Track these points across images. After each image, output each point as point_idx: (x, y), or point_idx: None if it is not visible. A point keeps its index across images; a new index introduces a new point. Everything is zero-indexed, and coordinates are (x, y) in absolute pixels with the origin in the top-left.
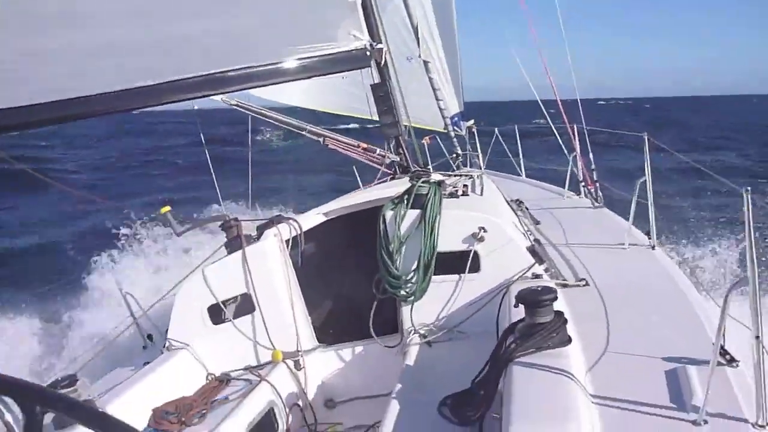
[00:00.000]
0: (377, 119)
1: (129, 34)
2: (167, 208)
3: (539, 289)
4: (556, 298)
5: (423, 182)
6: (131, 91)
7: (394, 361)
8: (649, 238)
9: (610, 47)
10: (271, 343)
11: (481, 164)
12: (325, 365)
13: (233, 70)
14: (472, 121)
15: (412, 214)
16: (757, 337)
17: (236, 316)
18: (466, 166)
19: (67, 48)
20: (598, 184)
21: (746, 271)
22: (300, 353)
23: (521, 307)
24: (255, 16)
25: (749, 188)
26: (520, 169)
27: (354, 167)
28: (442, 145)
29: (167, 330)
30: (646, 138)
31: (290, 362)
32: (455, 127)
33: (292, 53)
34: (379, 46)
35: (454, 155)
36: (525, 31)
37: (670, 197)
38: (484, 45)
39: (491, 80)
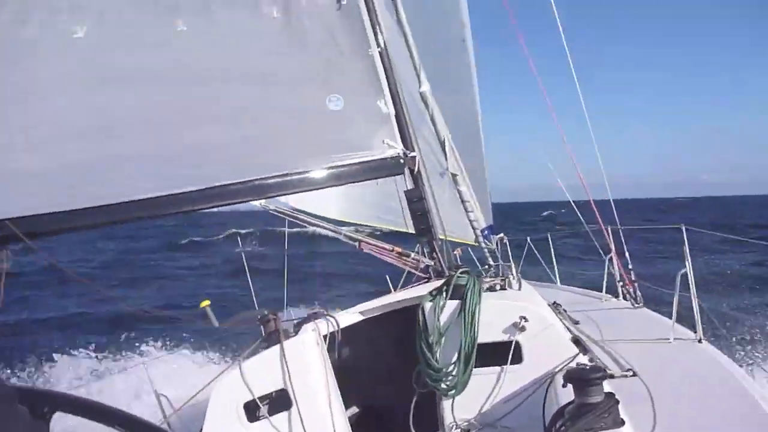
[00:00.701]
0: (412, 231)
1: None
2: (207, 302)
3: (588, 367)
4: (606, 377)
5: (462, 272)
6: (172, 196)
7: None
8: (695, 332)
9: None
10: None
11: (515, 272)
12: None
13: (272, 177)
14: (502, 234)
15: (452, 305)
16: None
17: (272, 412)
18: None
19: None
20: (636, 284)
21: None
22: None
23: (569, 390)
24: (294, 126)
25: None
26: (555, 277)
27: (387, 277)
28: (474, 256)
29: (201, 429)
30: (683, 229)
31: None
32: (486, 240)
33: (328, 161)
34: (412, 154)
35: (487, 266)
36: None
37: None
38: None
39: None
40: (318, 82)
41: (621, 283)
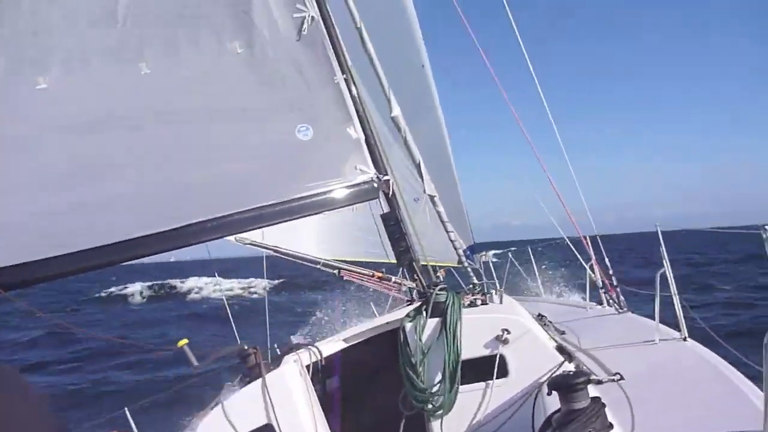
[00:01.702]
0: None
1: (137, 185)
2: (185, 341)
3: (571, 373)
4: (589, 381)
5: (440, 290)
6: (151, 237)
7: None
8: (679, 331)
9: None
10: None
11: (498, 287)
12: None
13: (245, 211)
14: (484, 252)
15: (432, 323)
16: None
17: None
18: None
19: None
20: (619, 290)
21: None
22: None
23: (556, 398)
24: (265, 160)
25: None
26: (539, 289)
27: (371, 303)
28: (458, 277)
29: None
30: (658, 229)
31: None
32: (468, 261)
33: (302, 191)
34: (386, 177)
35: (471, 285)
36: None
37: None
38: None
39: None
40: (286, 113)
41: (603, 290)
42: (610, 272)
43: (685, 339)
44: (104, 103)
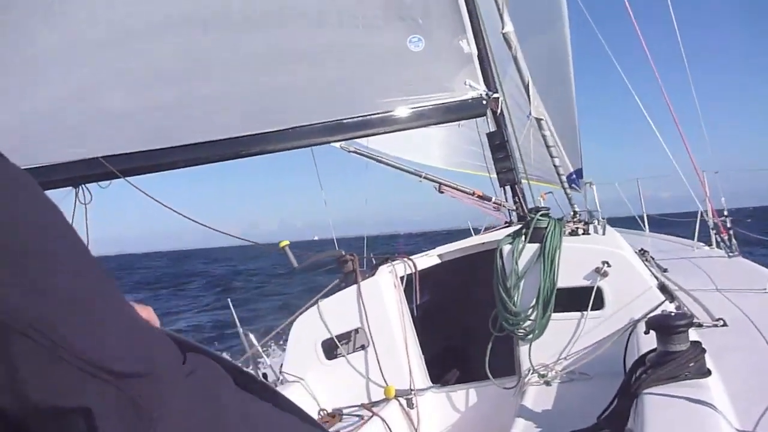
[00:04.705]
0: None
1: (245, 85)
2: (286, 242)
3: (672, 314)
4: (692, 324)
5: (542, 215)
6: (257, 136)
7: (511, 403)
8: None
9: None
10: (384, 380)
11: (600, 217)
12: (439, 406)
13: (353, 117)
14: (591, 179)
15: (531, 248)
16: None
17: (350, 351)
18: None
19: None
20: (732, 232)
21: None
22: (413, 392)
23: (652, 338)
24: (375, 68)
25: None
26: (644, 225)
27: (468, 222)
28: (558, 204)
29: (281, 365)
30: None
31: (403, 401)
32: (573, 185)
33: (409, 102)
34: (495, 95)
35: (572, 212)
36: None
37: None
38: None
39: None
40: (398, 22)
41: (714, 231)
42: (725, 213)
43: None
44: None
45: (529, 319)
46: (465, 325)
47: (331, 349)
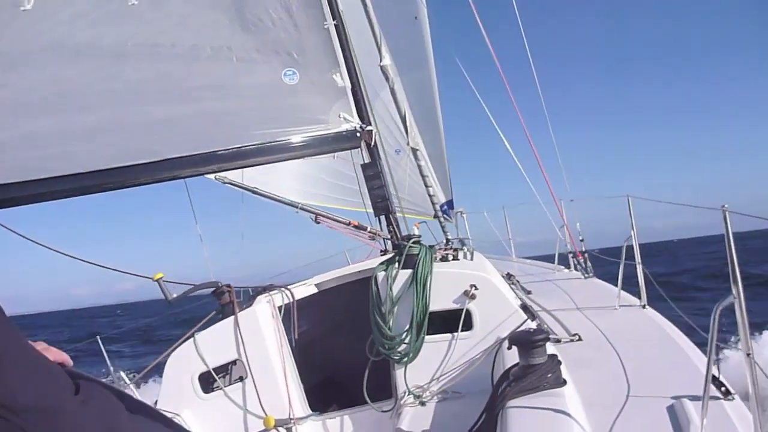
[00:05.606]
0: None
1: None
2: (160, 275)
3: (531, 330)
4: (548, 339)
5: (414, 242)
6: (129, 168)
7: (388, 425)
8: (640, 299)
9: None
10: (263, 411)
11: (470, 244)
12: None
13: (228, 149)
14: (462, 208)
15: (404, 274)
16: (749, 354)
17: (227, 383)
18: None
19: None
20: (587, 255)
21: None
22: (292, 421)
23: (515, 353)
24: (250, 101)
25: (726, 205)
26: (510, 250)
27: (345, 252)
28: (431, 232)
29: (156, 401)
30: (628, 199)
31: (283, 430)
32: (445, 215)
33: (284, 135)
34: (369, 128)
35: (445, 240)
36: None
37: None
38: None
39: None
40: (273, 56)
41: (571, 255)
42: (580, 238)
43: (644, 307)
44: (89, 30)
45: (404, 343)
46: (343, 352)
47: (208, 383)
